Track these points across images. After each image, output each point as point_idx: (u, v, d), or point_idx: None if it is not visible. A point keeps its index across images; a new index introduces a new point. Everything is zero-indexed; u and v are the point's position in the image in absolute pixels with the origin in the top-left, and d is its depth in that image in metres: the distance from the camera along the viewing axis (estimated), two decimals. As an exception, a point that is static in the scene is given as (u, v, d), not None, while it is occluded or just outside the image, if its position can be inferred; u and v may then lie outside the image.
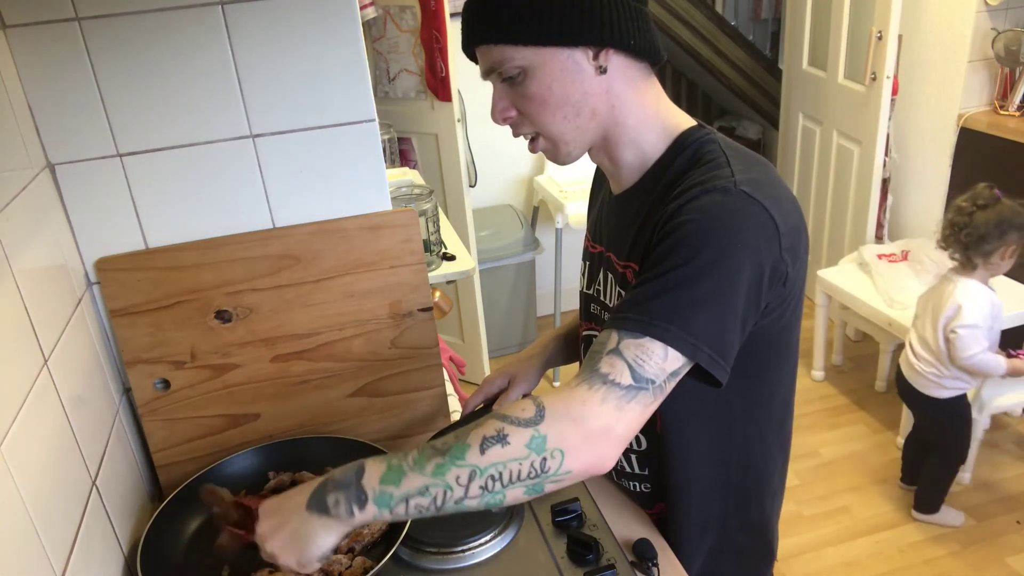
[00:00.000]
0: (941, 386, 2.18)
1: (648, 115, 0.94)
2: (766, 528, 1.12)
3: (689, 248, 0.81)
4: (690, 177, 0.89)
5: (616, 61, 0.90)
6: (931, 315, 2.17)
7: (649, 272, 0.83)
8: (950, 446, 2.28)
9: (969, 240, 2.03)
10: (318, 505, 0.80)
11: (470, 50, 0.94)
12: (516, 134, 0.96)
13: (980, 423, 2.29)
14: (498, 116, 0.94)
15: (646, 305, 0.79)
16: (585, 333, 1.14)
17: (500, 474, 0.76)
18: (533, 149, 0.97)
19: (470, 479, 0.76)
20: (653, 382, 0.77)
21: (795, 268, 0.89)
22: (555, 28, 0.86)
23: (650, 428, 1.02)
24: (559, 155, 0.96)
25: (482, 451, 0.76)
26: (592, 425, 0.76)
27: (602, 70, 0.89)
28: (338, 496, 0.79)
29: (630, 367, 0.77)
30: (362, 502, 0.78)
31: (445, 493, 0.76)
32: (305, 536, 0.80)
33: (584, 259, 1.14)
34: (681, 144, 0.94)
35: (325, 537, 0.80)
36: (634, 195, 0.98)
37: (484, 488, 0.76)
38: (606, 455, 0.77)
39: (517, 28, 0.87)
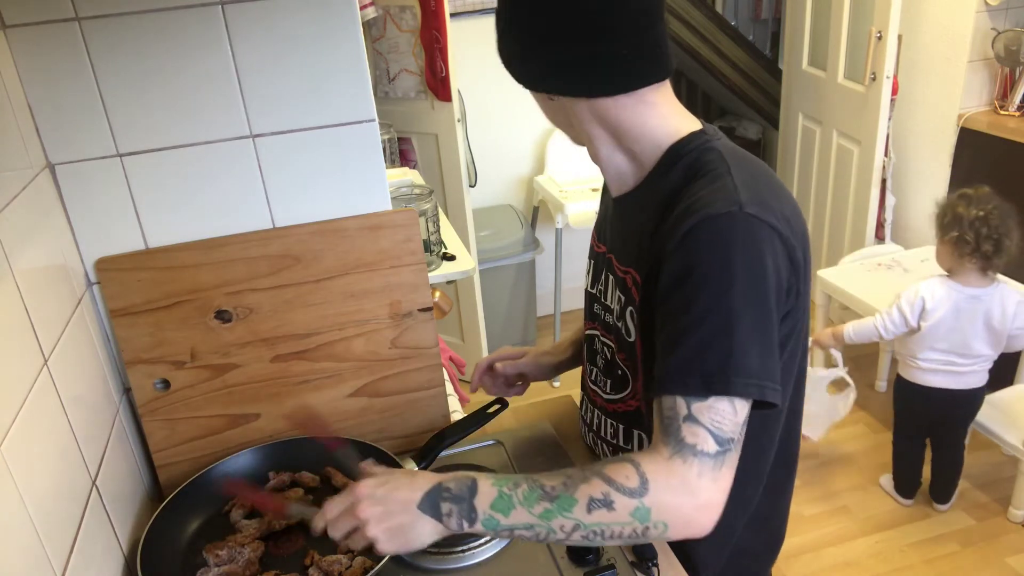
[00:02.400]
0: (984, 375, 2.23)
1: (633, 125, 0.93)
2: (774, 526, 1.12)
3: (713, 289, 0.82)
4: (691, 191, 0.88)
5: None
6: (978, 324, 2.15)
7: (681, 319, 0.83)
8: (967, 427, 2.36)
9: (998, 245, 2.04)
10: (431, 509, 0.84)
11: None
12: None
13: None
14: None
15: (698, 363, 0.81)
16: (588, 332, 1.14)
17: (602, 531, 0.81)
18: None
19: (574, 529, 0.81)
20: (733, 440, 0.81)
21: (804, 279, 0.90)
22: (523, 75, 0.94)
23: (649, 430, 1.02)
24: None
25: (588, 510, 0.80)
26: (696, 501, 0.80)
27: (555, 97, 0.94)
28: (451, 508, 0.84)
29: (711, 433, 0.80)
30: (472, 520, 0.83)
31: (548, 534, 0.82)
32: (413, 530, 0.85)
33: (589, 257, 1.14)
34: (677, 153, 0.93)
35: (430, 536, 0.86)
36: (631, 201, 0.99)
37: (585, 538, 0.82)
38: (708, 524, 0.81)
39: (507, 64, 0.96)
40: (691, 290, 0.82)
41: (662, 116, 0.94)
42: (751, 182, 0.87)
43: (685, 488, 0.79)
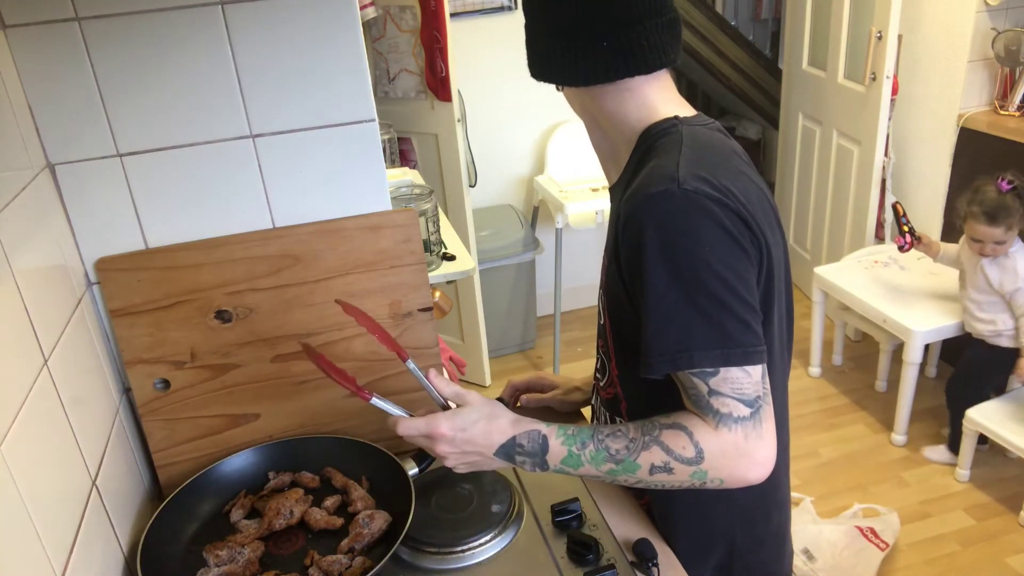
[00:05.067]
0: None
1: (619, 114, 0.97)
2: (776, 543, 1.12)
3: (667, 268, 0.85)
4: (640, 171, 0.92)
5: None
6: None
7: (649, 300, 0.86)
8: None
9: None
10: (506, 458, 0.94)
11: None
12: None
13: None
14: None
15: (684, 340, 0.86)
16: (599, 324, 1.16)
17: (663, 484, 0.91)
18: None
19: (636, 483, 0.91)
20: (759, 395, 0.86)
21: (768, 244, 0.90)
22: (530, 66, 1.01)
23: (622, 419, 1.06)
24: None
25: (650, 473, 0.89)
26: (750, 460, 0.87)
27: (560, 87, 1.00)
28: (524, 460, 0.93)
29: (738, 400, 0.86)
30: (544, 469, 0.93)
31: (612, 482, 0.93)
32: (486, 466, 0.96)
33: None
34: (643, 138, 0.96)
35: (501, 468, 0.97)
36: (614, 191, 1.03)
37: (647, 487, 0.93)
38: (763, 475, 0.88)
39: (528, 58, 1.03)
40: (648, 271, 0.85)
41: (641, 105, 0.96)
42: (695, 161, 0.88)
43: (737, 452, 0.86)
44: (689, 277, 0.84)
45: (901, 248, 2.50)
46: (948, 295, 2.62)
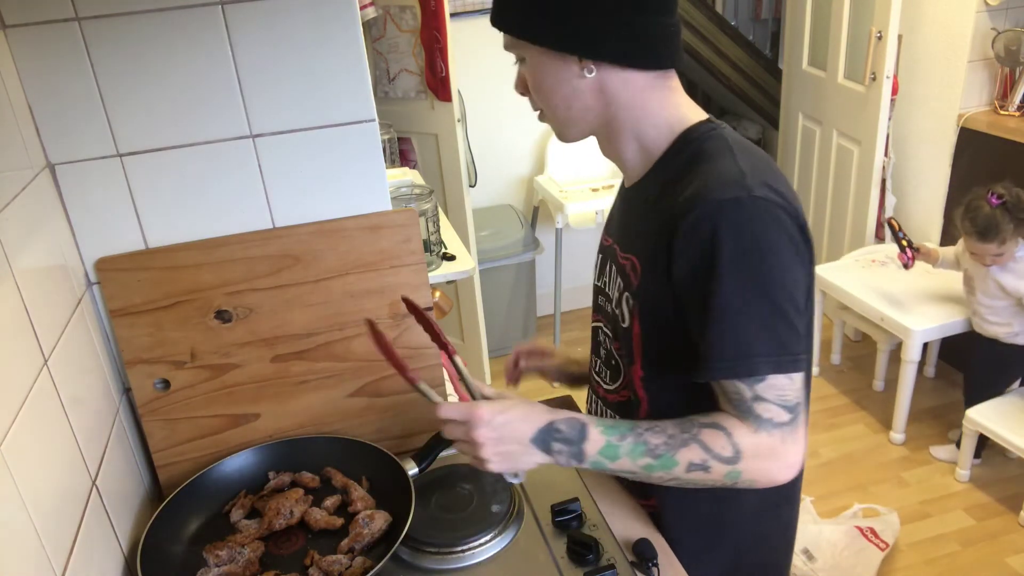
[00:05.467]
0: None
1: (650, 112, 0.96)
2: (783, 538, 1.12)
3: (739, 275, 0.85)
4: (696, 177, 0.90)
5: (605, 66, 0.93)
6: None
7: (713, 307, 0.87)
8: None
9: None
10: (542, 444, 0.91)
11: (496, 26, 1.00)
12: (533, 107, 1.03)
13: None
14: (516, 89, 1.03)
15: (745, 348, 0.87)
16: (593, 325, 1.16)
17: (694, 482, 0.91)
18: (541, 119, 1.04)
19: (670, 480, 0.91)
20: (799, 403, 0.89)
21: (812, 251, 0.94)
22: (543, 31, 0.93)
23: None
24: (558, 134, 1.03)
25: (687, 471, 0.89)
26: (782, 463, 0.90)
27: (590, 71, 0.93)
28: (562, 448, 0.91)
29: (780, 406, 0.88)
30: (580, 461, 0.91)
31: (646, 479, 0.92)
32: (522, 458, 0.92)
33: (598, 252, 1.16)
34: (684, 140, 0.95)
35: (536, 464, 0.93)
36: (639, 190, 1.01)
37: (678, 485, 0.92)
38: (791, 477, 0.91)
39: (518, 23, 0.96)
40: (718, 278, 0.85)
41: (677, 104, 0.97)
42: (755, 167, 0.89)
43: (773, 455, 0.89)
44: (758, 285, 0.86)
45: (906, 266, 2.46)
46: (946, 294, 2.62)
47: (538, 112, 1.03)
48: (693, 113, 0.97)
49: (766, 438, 0.88)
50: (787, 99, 3.62)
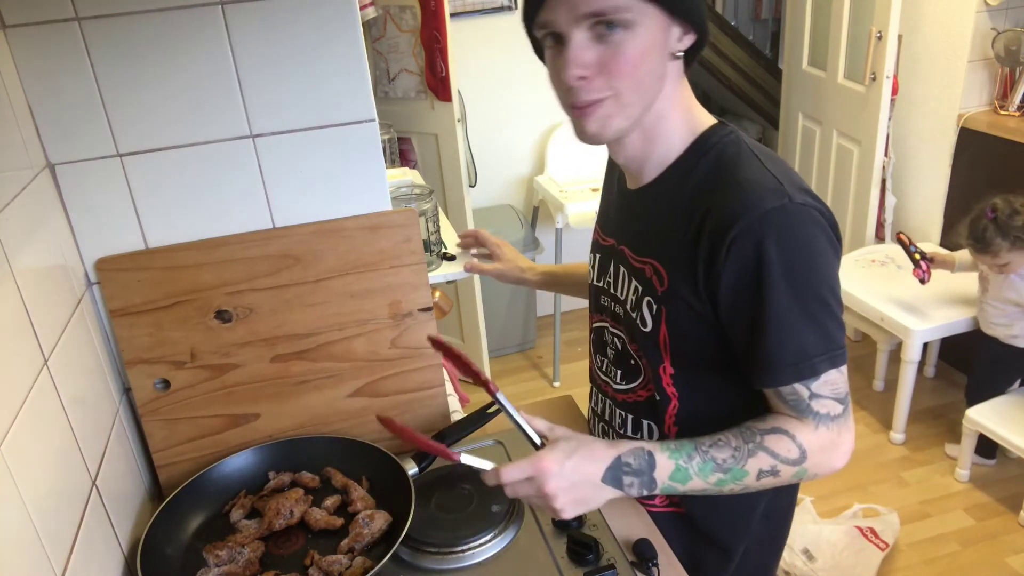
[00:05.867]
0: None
1: (682, 111, 0.96)
2: (784, 517, 1.14)
3: (790, 281, 0.86)
4: (724, 183, 0.89)
5: (685, 48, 0.92)
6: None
7: (767, 314, 0.88)
8: None
9: None
10: (614, 482, 0.90)
11: None
12: (581, 100, 0.87)
13: None
14: (576, 72, 0.85)
15: (805, 350, 0.89)
16: (596, 325, 1.15)
17: (760, 488, 0.93)
18: (589, 113, 0.88)
19: (741, 490, 0.92)
20: (847, 392, 0.93)
21: (841, 247, 0.95)
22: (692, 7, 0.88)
23: (661, 419, 1.04)
24: (610, 127, 0.90)
25: (758, 479, 0.91)
26: (840, 451, 0.94)
27: (675, 55, 0.91)
28: (633, 480, 0.90)
29: (835, 399, 0.92)
30: (651, 489, 0.91)
31: (717, 492, 0.92)
32: (595, 500, 0.91)
33: (593, 251, 1.14)
34: (703, 145, 0.95)
35: (608, 500, 0.92)
36: (653, 191, 0.99)
37: (745, 491, 0.93)
38: (845, 463, 0.96)
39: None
40: (770, 287, 0.86)
41: (694, 105, 0.98)
42: (785, 172, 0.91)
43: (833, 446, 0.93)
44: (809, 289, 0.87)
45: (922, 281, 2.41)
46: (947, 294, 2.62)
47: (596, 99, 0.87)
48: (706, 116, 0.98)
49: (825, 432, 0.91)
50: (787, 99, 3.62)
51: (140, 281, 1.12)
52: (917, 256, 2.41)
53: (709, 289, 0.91)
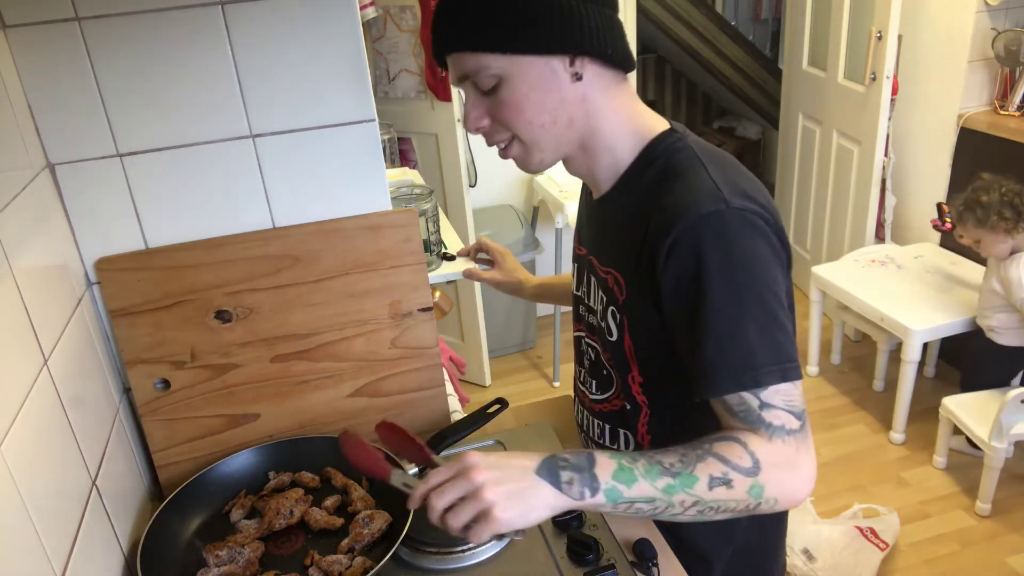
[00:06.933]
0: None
1: (622, 121, 0.94)
2: (775, 525, 1.12)
3: (728, 286, 0.84)
4: (670, 191, 0.89)
5: (591, 68, 0.90)
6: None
7: (704, 320, 0.85)
8: None
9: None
10: (550, 475, 0.81)
11: (442, 57, 0.93)
12: (490, 143, 0.96)
13: (1002, 451, 2.27)
14: (472, 125, 0.94)
15: (749, 358, 0.84)
16: (575, 334, 1.15)
17: (718, 507, 0.84)
18: (505, 156, 0.97)
19: (692, 505, 0.83)
20: (804, 410, 0.86)
21: (789, 257, 0.93)
22: (532, 36, 0.86)
23: (634, 428, 1.04)
24: (531, 162, 0.96)
25: (709, 487, 0.83)
26: (801, 474, 0.86)
27: (577, 77, 0.89)
28: (572, 476, 0.81)
29: (789, 412, 0.85)
30: (595, 490, 0.81)
31: (667, 508, 0.83)
32: (532, 498, 0.80)
33: (573, 260, 1.15)
34: (652, 152, 0.94)
35: (549, 507, 0.81)
36: (609, 202, 0.99)
37: (700, 513, 0.84)
38: (808, 492, 0.87)
39: (493, 36, 0.86)
40: (707, 291, 0.84)
41: (641, 112, 0.96)
42: (727, 177, 0.89)
43: (790, 464, 0.85)
44: (747, 295, 0.84)
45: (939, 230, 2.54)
46: (947, 294, 2.62)
47: (503, 143, 0.95)
48: (655, 121, 0.96)
49: (781, 446, 0.84)
50: (787, 99, 3.62)
51: (140, 281, 1.12)
52: (948, 219, 2.49)
53: (656, 297, 0.90)
